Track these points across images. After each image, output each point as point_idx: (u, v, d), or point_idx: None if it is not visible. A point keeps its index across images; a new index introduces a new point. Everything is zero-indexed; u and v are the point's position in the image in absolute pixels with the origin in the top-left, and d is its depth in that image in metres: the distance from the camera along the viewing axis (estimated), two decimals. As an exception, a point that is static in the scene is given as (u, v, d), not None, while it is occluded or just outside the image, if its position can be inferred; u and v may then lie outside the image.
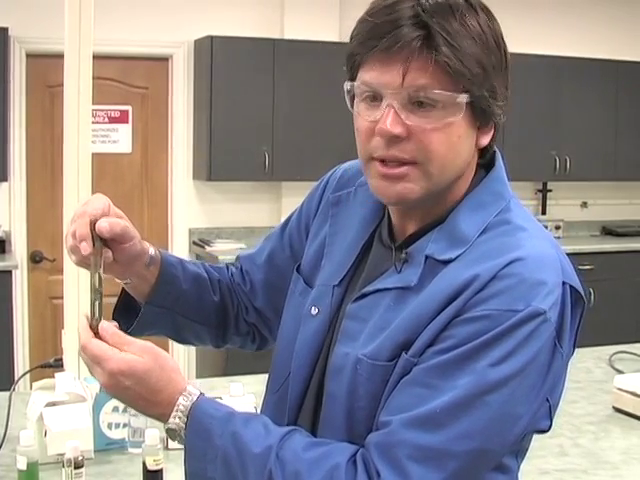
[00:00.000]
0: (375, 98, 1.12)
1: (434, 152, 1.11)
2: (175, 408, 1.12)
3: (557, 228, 6.38)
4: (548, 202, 6.54)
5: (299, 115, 5.43)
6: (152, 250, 1.36)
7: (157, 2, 5.54)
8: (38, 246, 5.45)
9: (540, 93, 6.10)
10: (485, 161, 1.22)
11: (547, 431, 1.19)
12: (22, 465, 1.86)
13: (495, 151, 1.23)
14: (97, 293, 1.17)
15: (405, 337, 1.12)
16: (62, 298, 2.35)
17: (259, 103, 5.45)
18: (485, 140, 1.17)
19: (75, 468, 1.85)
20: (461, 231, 1.15)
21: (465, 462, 1.06)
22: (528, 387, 1.09)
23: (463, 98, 1.09)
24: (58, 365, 2.34)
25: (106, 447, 2.15)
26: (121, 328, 1.19)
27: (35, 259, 5.48)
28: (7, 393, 2.19)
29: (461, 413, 1.06)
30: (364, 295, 1.20)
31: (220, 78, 5.42)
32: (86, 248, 1.19)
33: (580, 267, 5.90)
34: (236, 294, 1.48)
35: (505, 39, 1.15)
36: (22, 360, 5.34)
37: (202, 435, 1.11)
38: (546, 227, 6.29)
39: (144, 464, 1.93)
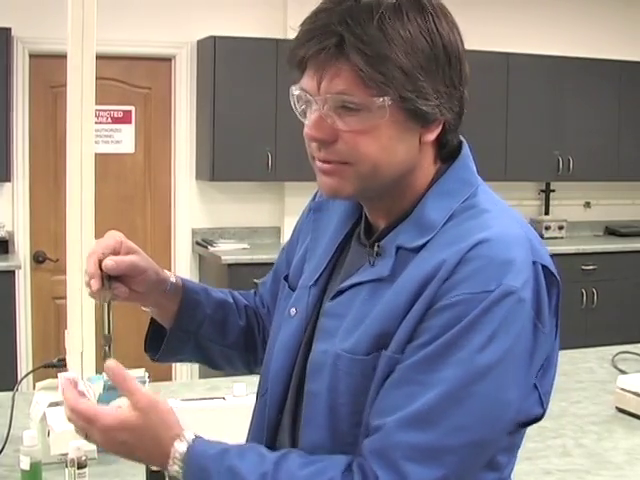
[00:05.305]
0: (310, 103, 1.15)
1: (363, 154, 1.12)
2: (172, 455, 1.13)
3: (560, 228, 6.37)
4: (551, 202, 6.54)
5: (302, 115, 5.43)
6: (173, 278, 1.41)
7: (160, 2, 5.54)
8: (41, 246, 5.46)
9: (543, 93, 6.10)
10: (448, 153, 1.21)
11: (540, 418, 1.19)
12: (25, 465, 1.86)
13: (462, 141, 1.23)
14: (106, 339, 1.22)
15: (381, 329, 1.12)
16: (65, 298, 2.34)
17: (262, 103, 5.45)
18: (430, 136, 1.15)
19: (78, 468, 1.85)
20: (428, 218, 1.16)
21: (463, 455, 1.06)
22: (515, 371, 1.08)
23: (383, 101, 1.09)
24: (61, 365, 2.34)
25: (109, 447, 2.15)
26: (151, 357, 1.30)
27: (38, 259, 5.48)
28: (10, 393, 2.19)
29: (451, 406, 1.05)
30: (341, 292, 1.21)
31: (223, 78, 5.42)
32: (94, 285, 1.27)
33: (583, 267, 5.90)
34: (260, 318, 1.52)
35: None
36: (25, 360, 5.35)
37: (201, 476, 1.12)
38: (549, 227, 6.31)
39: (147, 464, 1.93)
